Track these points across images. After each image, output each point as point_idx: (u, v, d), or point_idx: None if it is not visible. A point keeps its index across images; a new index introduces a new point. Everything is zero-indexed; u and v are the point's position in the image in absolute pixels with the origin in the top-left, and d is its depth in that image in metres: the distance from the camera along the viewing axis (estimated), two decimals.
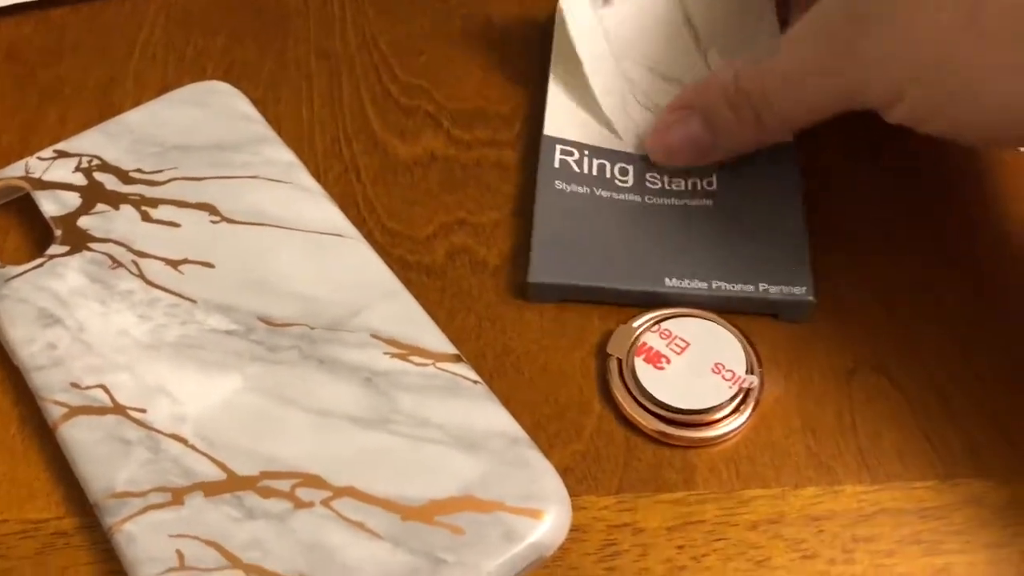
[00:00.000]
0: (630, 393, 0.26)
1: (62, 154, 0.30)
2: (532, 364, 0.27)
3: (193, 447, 0.23)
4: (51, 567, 0.24)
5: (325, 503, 0.23)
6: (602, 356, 0.27)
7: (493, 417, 0.24)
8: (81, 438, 0.24)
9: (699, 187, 0.30)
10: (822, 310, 0.28)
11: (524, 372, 0.27)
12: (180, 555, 0.22)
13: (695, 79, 0.31)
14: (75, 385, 0.25)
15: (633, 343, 0.26)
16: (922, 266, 0.29)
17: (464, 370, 0.25)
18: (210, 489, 0.23)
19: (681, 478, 0.25)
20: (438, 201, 0.31)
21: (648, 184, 0.30)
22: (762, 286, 0.27)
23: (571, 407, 0.26)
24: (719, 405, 0.25)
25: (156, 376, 0.25)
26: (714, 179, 0.30)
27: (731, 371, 0.26)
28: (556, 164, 0.30)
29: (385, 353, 0.25)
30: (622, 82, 0.31)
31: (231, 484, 0.23)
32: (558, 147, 0.30)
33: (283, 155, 0.30)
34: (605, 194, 0.29)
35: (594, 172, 0.30)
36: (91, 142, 0.30)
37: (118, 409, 0.24)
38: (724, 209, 0.29)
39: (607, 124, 0.31)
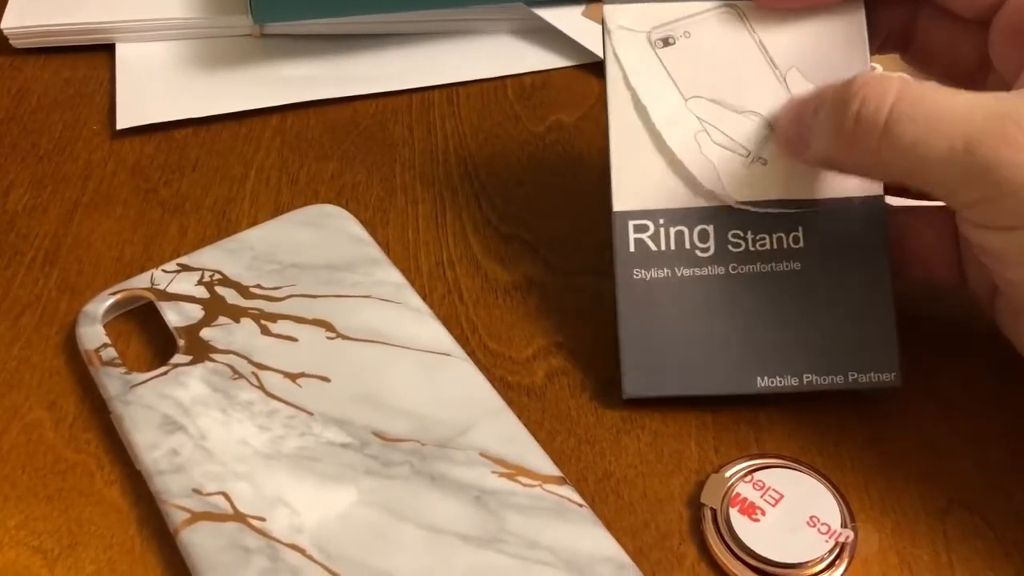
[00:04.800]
0: (726, 545, 0.26)
1: (185, 268, 0.32)
2: (632, 489, 0.28)
3: (311, 557, 0.24)
4: None
5: None
6: (695, 504, 0.27)
7: (600, 542, 0.25)
8: (203, 543, 0.25)
9: (785, 244, 0.29)
10: (912, 446, 0.28)
11: (624, 496, 0.27)
12: None
13: (773, 106, 0.29)
14: (197, 491, 0.26)
15: (727, 493, 0.27)
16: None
17: (569, 492, 0.26)
18: None
19: None
20: (537, 324, 0.32)
21: (731, 248, 0.29)
22: (851, 375, 0.28)
23: (672, 535, 0.27)
24: (817, 559, 0.25)
25: (275, 486, 0.26)
26: (800, 233, 0.29)
27: (826, 524, 0.26)
28: (631, 247, 0.29)
29: (493, 472, 0.26)
30: (694, 122, 0.30)
31: None
32: (631, 224, 0.29)
33: (393, 276, 0.32)
34: (687, 272, 0.29)
35: (672, 246, 0.29)
36: (213, 257, 0.32)
37: (238, 517, 0.25)
38: (811, 275, 0.29)
39: (680, 173, 0.29)
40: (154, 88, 0.39)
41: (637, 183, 0.29)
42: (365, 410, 0.28)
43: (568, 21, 0.42)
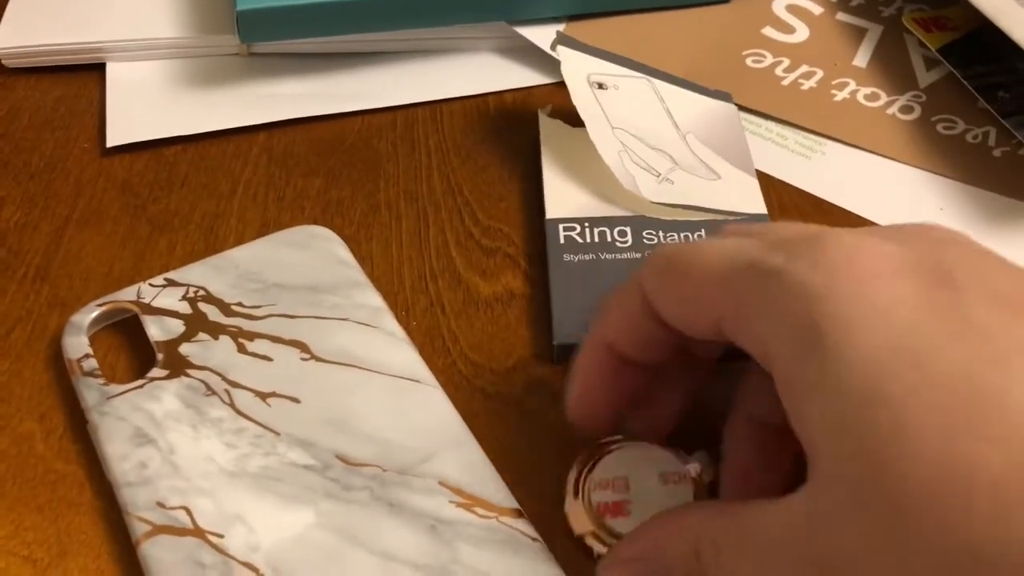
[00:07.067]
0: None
1: (171, 283, 0.33)
2: None
3: None
4: None
5: None
6: None
7: None
8: (161, 557, 0.25)
9: (691, 239, 0.34)
10: None
11: None
12: None
13: (678, 152, 0.36)
14: (160, 504, 0.27)
15: (591, 511, 0.26)
16: None
17: (524, 527, 0.26)
18: None
19: None
20: (517, 336, 0.33)
21: (645, 241, 0.34)
22: None
23: None
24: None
25: (236, 503, 0.27)
26: (703, 233, 0.34)
27: (676, 474, 0.27)
28: (561, 241, 0.34)
29: (451, 502, 0.27)
30: (617, 144, 0.36)
31: None
32: (560, 227, 0.34)
33: (372, 300, 0.32)
34: (609, 256, 0.33)
35: (596, 239, 0.34)
36: (199, 274, 0.33)
37: (198, 532, 0.26)
38: None
39: (601, 187, 0.35)
40: (143, 106, 0.40)
41: (566, 199, 0.35)
42: (331, 433, 0.28)
43: (548, 39, 0.42)
